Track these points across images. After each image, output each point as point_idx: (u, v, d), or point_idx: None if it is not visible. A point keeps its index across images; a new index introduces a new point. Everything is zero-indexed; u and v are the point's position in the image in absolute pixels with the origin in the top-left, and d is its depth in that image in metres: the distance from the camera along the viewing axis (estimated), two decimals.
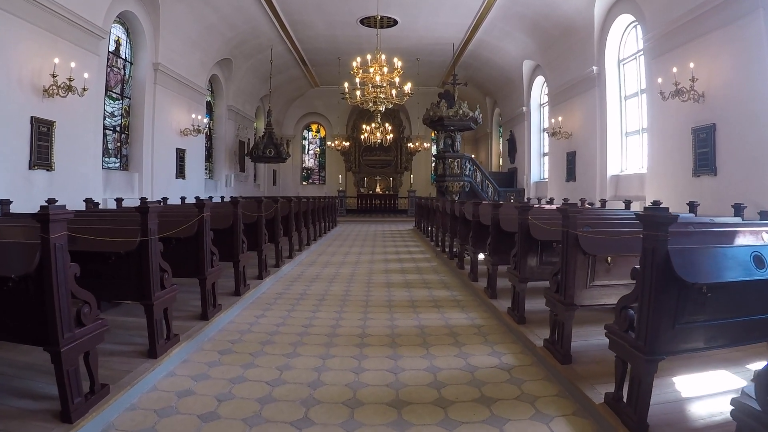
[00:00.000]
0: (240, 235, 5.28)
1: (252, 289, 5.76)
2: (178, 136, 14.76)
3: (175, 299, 3.80)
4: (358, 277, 7.31)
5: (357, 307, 5.38)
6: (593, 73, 13.03)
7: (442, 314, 5.10)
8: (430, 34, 17.39)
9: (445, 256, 8.76)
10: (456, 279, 7.08)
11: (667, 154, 10.01)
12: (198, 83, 15.93)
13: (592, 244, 3.22)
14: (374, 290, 6.33)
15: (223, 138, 19.36)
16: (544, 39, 15.11)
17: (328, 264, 8.60)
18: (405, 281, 6.99)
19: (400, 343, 4.12)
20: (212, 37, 15.68)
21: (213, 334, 4.34)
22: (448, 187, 17.35)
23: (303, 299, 5.76)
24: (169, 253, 4.08)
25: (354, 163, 27.29)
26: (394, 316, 5.02)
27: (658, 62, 10.20)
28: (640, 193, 11.29)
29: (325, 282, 6.87)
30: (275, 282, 6.75)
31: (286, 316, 5.01)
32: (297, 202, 9.13)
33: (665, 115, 9.99)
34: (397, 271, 7.92)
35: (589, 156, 13.43)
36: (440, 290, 6.37)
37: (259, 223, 6.17)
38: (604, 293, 3.37)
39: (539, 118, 18.63)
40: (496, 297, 5.27)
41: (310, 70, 22.77)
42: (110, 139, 12.47)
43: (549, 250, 4.30)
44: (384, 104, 10.11)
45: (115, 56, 12.52)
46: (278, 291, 6.20)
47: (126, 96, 13.02)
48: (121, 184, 12.41)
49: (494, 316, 4.93)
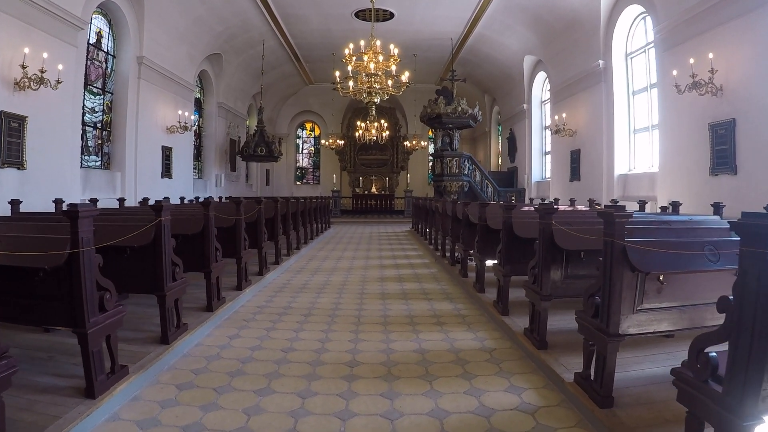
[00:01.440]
0: (212, 242, 4.59)
1: (228, 302, 5.06)
2: (164, 134, 14.06)
3: (122, 323, 3.17)
4: (350, 286, 6.63)
5: (347, 325, 4.69)
6: (599, 68, 12.40)
7: (445, 334, 4.41)
8: (427, 28, 16.74)
9: (446, 262, 8.08)
10: (459, 289, 6.41)
11: (680, 152, 9.39)
12: (186, 78, 15.22)
13: (646, 259, 2.53)
14: (368, 303, 5.65)
15: (213, 136, 18.65)
16: (547, 33, 14.47)
17: (318, 270, 7.91)
18: (402, 291, 6.31)
19: (397, 375, 3.43)
20: (200, 31, 14.99)
21: (174, 361, 3.64)
22: (446, 187, 16.69)
23: (286, 314, 5.07)
24: (120, 264, 3.42)
25: (349, 162, 26.60)
26: (390, 336, 4.32)
27: (670, 54, 9.58)
28: (650, 193, 10.67)
29: (312, 292, 6.18)
30: (257, 293, 6.05)
31: (263, 336, 4.31)
32: (285, 202, 8.43)
33: (679, 111, 9.38)
34: (393, 279, 7.24)
35: (594, 154, 12.80)
36: (442, 302, 5.68)
37: (238, 227, 5.48)
38: (654, 319, 2.67)
39: (540, 116, 18.01)
40: (508, 313, 4.60)
41: (304, 67, 22.08)
42: (90, 136, 11.78)
43: (576, 262, 3.61)
44: (379, 95, 9.30)
45: (97, 49, 11.82)
46: (259, 304, 5.49)
47: (108, 91, 12.31)
48: (101, 184, 11.70)
49: (507, 337, 4.25)
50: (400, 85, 9.06)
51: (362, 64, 8.66)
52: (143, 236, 3.51)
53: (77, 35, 9.57)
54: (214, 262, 4.68)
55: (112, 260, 3.43)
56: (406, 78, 8.90)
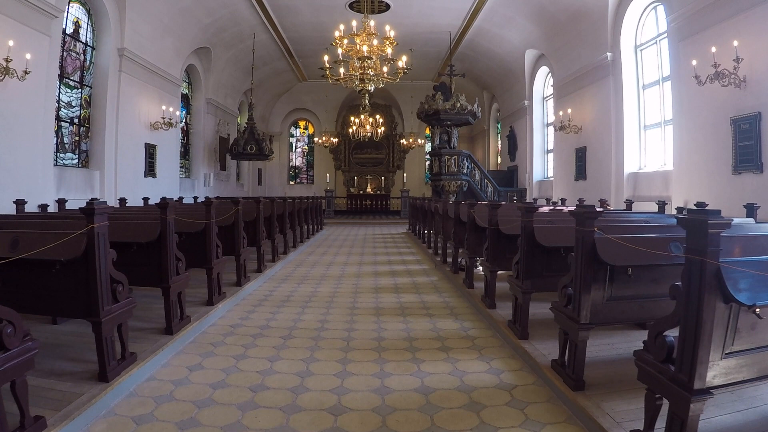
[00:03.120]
0: (171, 252, 3.84)
1: (194, 322, 4.29)
2: (147, 130, 13.29)
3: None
4: (340, 298, 5.87)
5: (333, 352, 3.93)
6: (607, 60, 11.71)
7: (453, 364, 3.63)
8: (425, 20, 16.02)
9: (447, 269, 7.33)
10: (464, 302, 5.67)
11: (698, 149, 8.72)
12: (171, 73, 14.46)
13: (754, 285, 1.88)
14: (359, 321, 4.90)
15: (201, 134, 17.85)
16: (551, 25, 13.77)
17: (305, 279, 7.14)
18: (399, 305, 5.55)
19: (395, 428, 2.68)
20: (187, 23, 14.23)
21: (115, 404, 2.89)
22: (444, 187, 15.96)
23: (262, 336, 4.31)
24: (43, 282, 2.79)
25: (343, 161, 25.83)
26: (385, 368, 3.56)
27: (687, 44, 8.90)
28: (663, 192, 9.99)
29: (296, 307, 5.42)
30: (232, 308, 5.28)
31: (230, 368, 3.55)
32: (269, 203, 7.66)
33: (697, 104, 8.71)
34: (389, 289, 6.48)
35: (602, 152, 12.10)
36: (446, 319, 4.93)
37: (208, 233, 4.72)
38: (745, 363, 2.02)
39: (542, 113, 17.31)
40: (527, 337, 3.86)
41: (297, 63, 21.32)
42: (67, 133, 11.02)
43: (623, 280, 2.87)
44: (373, 82, 8.43)
45: (74, 40, 11.05)
46: (232, 323, 4.72)
47: (87, 84, 11.54)
48: (78, 183, 10.93)
49: (529, 369, 3.50)
50: (397, 71, 8.20)
51: (354, 48, 7.79)
52: (68, 248, 2.96)
53: (51, 24, 8.89)
54: (174, 275, 3.90)
55: None
56: (404, 63, 8.00)
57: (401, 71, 7.87)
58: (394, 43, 7.57)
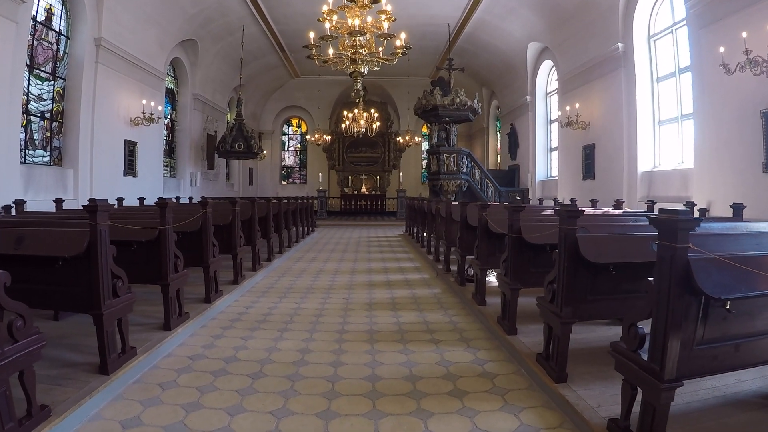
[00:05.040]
0: (101, 269, 3.06)
1: (141, 355, 3.43)
2: (127, 126, 12.46)
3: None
4: (327, 318, 5.01)
5: (313, 401, 3.01)
6: (618, 51, 10.95)
7: (471, 419, 2.74)
8: (422, 11, 15.23)
9: (452, 280, 6.46)
10: (475, 323, 4.78)
11: (724, 145, 7.99)
12: (155, 66, 13.63)
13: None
14: (348, 351, 3.96)
15: (188, 131, 16.98)
16: (556, 15, 13.01)
17: (288, 292, 6.26)
18: (398, 329, 4.66)
19: None
20: (171, 13, 13.40)
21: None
22: (443, 187, 15.16)
23: (224, 375, 3.41)
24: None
25: (337, 160, 24.97)
26: (381, 426, 2.70)
27: (710, 31, 8.17)
28: (682, 192, 9.24)
29: (273, 330, 4.52)
30: (194, 332, 4.35)
31: (186, 414, 2.74)
32: (250, 204, 6.79)
33: (721, 96, 7.99)
34: (385, 305, 5.60)
35: (613, 149, 11.34)
36: (456, 349, 4.00)
37: (163, 242, 3.90)
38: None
39: (545, 109, 16.54)
40: (565, 379, 3.01)
41: (289, 58, 20.50)
42: (37, 128, 10.18)
43: (721, 317, 2.07)
44: (367, 64, 7.42)
45: (46, 28, 10.22)
46: (192, 353, 3.80)
47: (60, 76, 10.71)
48: (49, 183, 10.10)
49: (573, 425, 2.66)
50: (395, 51, 7.23)
51: (345, 23, 6.84)
52: None
53: (18, 9, 8.18)
54: (110, 298, 3.15)
55: None
56: (403, 41, 7.03)
57: (400, 50, 6.92)
58: (392, 18, 6.66)
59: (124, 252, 3.77)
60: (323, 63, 7.34)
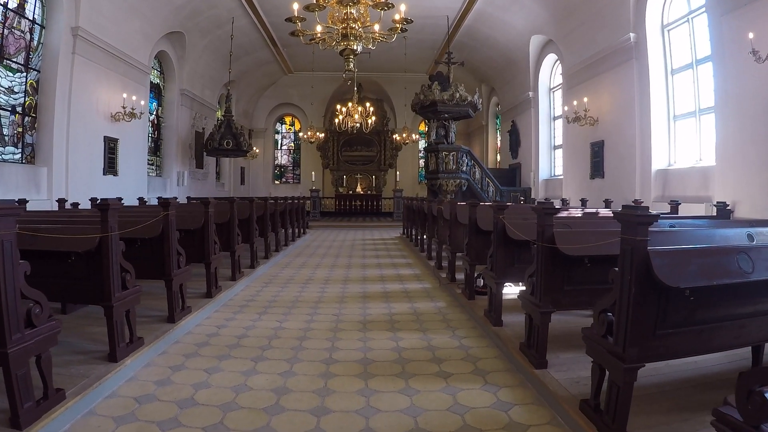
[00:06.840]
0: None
1: (83, 392, 2.71)
2: (106, 122, 11.69)
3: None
4: (311, 342, 4.20)
5: None
6: (630, 42, 10.30)
7: None
8: (420, 3, 14.51)
9: (458, 291, 5.70)
10: (492, 348, 3.97)
11: (750, 141, 7.36)
12: (138, 58, 12.87)
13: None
14: (336, 394, 3.11)
15: (174, 128, 16.19)
16: (561, 5, 12.36)
17: (270, 306, 5.48)
18: (398, 356, 3.80)
19: None
20: (156, 2, 12.68)
21: None
22: (441, 186, 14.46)
23: (184, 415, 2.71)
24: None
25: (332, 159, 24.19)
26: None
27: (735, 17, 7.53)
28: (702, 192, 8.60)
29: (247, 358, 3.73)
30: (151, 360, 3.63)
31: None
32: (229, 205, 6.01)
33: (747, 88, 7.36)
34: (382, 324, 4.80)
35: (624, 146, 10.68)
36: (470, 386, 3.22)
37: (106, 252, 3.19)
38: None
39: (549, 105, 15.88)
40: (624, 430, 2.31)
41: (282, 53, 19.75)
42: (7, 123, 9.43)
43: None
44: (361, 40, 6.50)
45: (18, 15, 9.46)
46: (142, 392, 3.05)
47: (33, 68, 9.95)
48: (20, 182, 9.34)
49: None
50: (393, 27, 6.33)
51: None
52: None
53: None
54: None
55: None
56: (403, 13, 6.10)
57: (399, 25, 6.07)
58: None
59: None
60: (309, 41, 6.52)
